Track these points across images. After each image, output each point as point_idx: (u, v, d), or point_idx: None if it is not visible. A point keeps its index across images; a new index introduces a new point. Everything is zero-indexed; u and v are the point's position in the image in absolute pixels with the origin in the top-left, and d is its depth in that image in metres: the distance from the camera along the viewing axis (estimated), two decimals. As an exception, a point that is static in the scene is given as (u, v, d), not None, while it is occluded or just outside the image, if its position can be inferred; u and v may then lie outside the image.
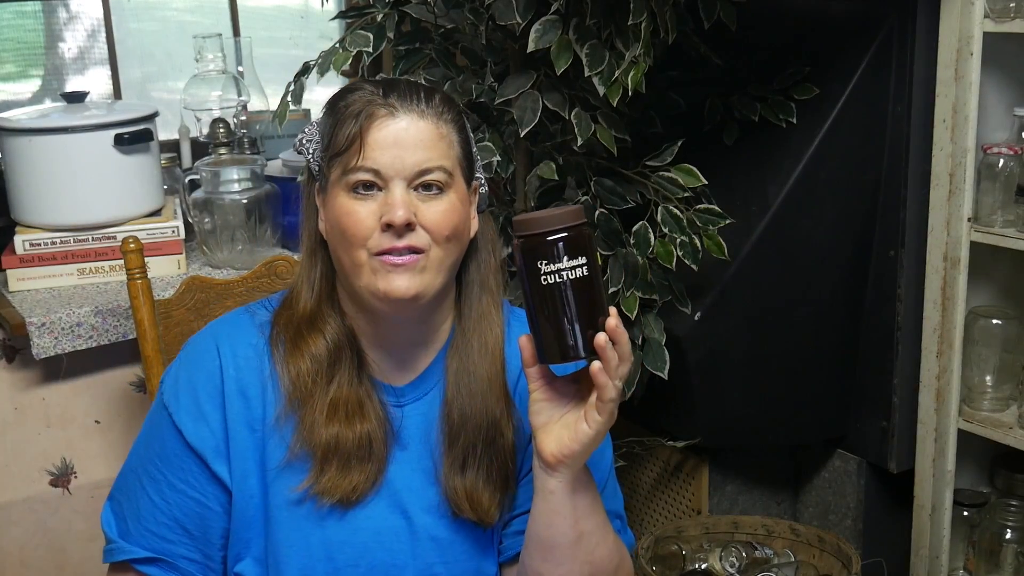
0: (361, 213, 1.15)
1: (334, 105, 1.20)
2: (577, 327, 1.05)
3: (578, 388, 1.11)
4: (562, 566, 1.17)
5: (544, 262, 1.04)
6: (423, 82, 1.88)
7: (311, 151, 1.24)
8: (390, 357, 1.25)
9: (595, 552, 1.18)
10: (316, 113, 1.29)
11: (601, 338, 1.05)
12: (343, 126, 1.16)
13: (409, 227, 1.14)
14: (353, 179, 1.16)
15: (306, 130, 1.27)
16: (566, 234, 1.05)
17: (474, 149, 1.25)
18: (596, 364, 1.05)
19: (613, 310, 1.07)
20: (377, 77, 1.27)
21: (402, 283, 1.15)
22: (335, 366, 1.21)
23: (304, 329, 1.22)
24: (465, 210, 1.21)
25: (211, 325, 1.28)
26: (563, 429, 1.09)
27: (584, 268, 1.05)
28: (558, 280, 1.04)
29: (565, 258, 1.04)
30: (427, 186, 1.16)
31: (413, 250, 1.15)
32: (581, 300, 1.05)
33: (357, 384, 1.22)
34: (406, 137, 1.15)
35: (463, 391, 1.22)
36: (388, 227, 1.14)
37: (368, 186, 1.16)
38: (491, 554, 1.28)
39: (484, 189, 1.27)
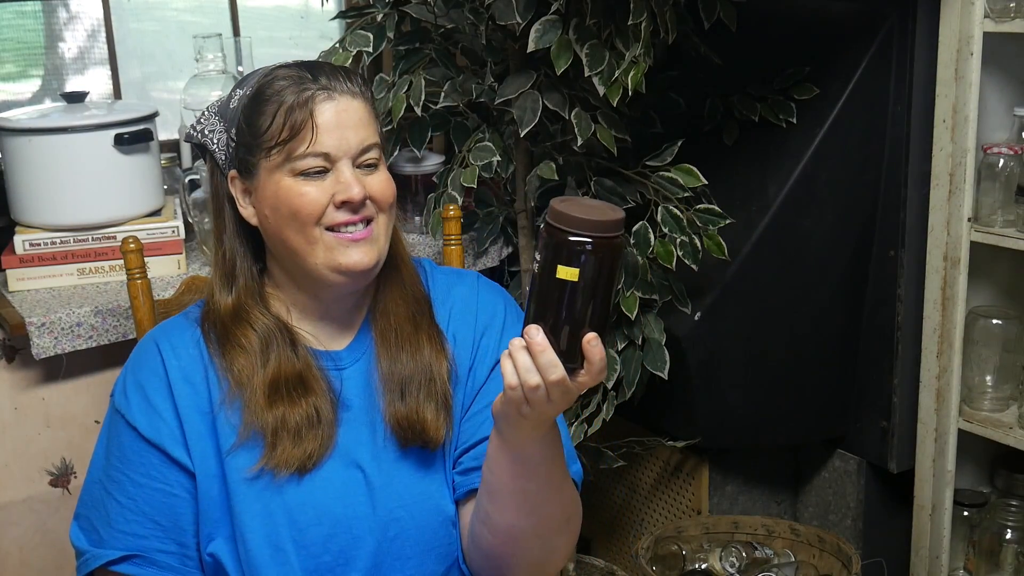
0: (314, 193, 1.20)
1: (260, 92, 1.22)
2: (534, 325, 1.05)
3: None
4: (506, 512, 1.20)
5: (537, 251, 1.06)
6: (424, 81, 1.89)
7: (216, 140, 1.27)
8: (329, 326, 1.31)
9: (542, 508, 1.20)
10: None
11: (518, 342, 1.04)
12: (283, 114, 1.20)
13: (362, 202, 1.21)
14: (303, 165, 1.20)
15: (202, 120, 1.29)
16: (561, 239, 1.02)
17: None
18: (507, 365, 1.05)
19: (534, 339, 1.02)
20: (289, 62, 1.28)
21: (362, 256, 1.22)
22: (268, 350, 1.25)
23: (230, 324, 1.27)
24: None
25: (149, 332, 1.33)
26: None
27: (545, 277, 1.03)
28: (535, 271, 1.05)
29: (540, 255, 1.04)
30: (367, 162, 1.23)
31: (365, 221, 1.22)
32: (543, 301, 1.04)
33: (295, 359, 1.26)
34: (346, 118, 1.21)
35: (390, 332, 1.29)
36: (344, 204, 1.20)
37: (318, 169, 1.20)
38: (447, 494, 1.31)
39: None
